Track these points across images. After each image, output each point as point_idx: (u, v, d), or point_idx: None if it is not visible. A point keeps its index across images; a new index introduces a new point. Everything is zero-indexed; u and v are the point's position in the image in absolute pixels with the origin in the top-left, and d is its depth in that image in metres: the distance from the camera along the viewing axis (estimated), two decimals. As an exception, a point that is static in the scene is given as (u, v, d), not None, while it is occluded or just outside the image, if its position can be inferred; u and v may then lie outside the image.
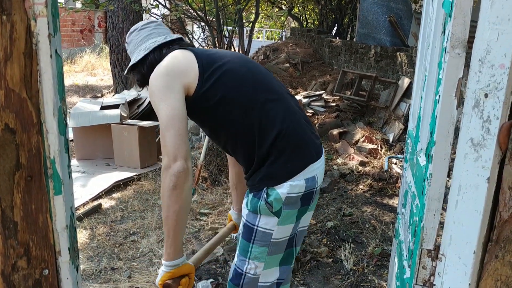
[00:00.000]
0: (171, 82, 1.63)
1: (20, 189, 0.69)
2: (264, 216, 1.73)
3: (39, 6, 0.64)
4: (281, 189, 1.69)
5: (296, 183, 1.70)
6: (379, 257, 3.37)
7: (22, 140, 0.68)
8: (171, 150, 1.52)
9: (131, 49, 1.89)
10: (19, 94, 0.66)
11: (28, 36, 0.65)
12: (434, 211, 1.18)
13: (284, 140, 1.69)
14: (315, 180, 1.77)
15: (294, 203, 1.73)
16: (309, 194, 1.76)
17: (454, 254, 1.10)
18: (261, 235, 1.75)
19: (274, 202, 1.70)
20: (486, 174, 1.00)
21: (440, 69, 1.14)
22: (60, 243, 0.72)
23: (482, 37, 0.97)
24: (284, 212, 1.72)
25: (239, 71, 1.75)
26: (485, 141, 0.99)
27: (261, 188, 1.72)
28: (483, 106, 0.98)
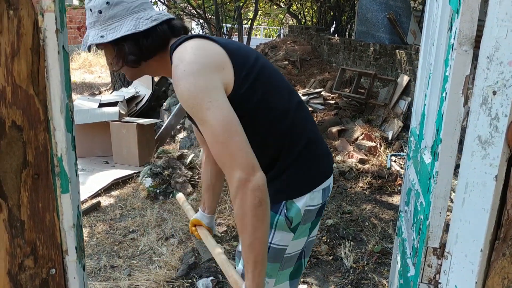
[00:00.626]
0: (211, 80, 1.34)
1: (27, 187, 0.68)
2: (279, 231, 1.56)
3: (46, 1, 0.63)
4: (300, 203, 1.54)
5: (315, 195, 1.57)
6: (379, 255, 3.38)
7: (29, 138, 0.67)
8: (244, 161, 1.26)
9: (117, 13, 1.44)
10: (26, 91, 0.65)
11: (35, 32, 0.64)
12: (440, 209, 1.17)
13: (312, 149, 1.57)
14: (328, 190, 1.66)
15: (311, 217, 1.61)
16: (323, 206, 1.67)
17: (460, 252, 1.10)
18: (275, 252, 1.58)
19: (294, 218, 1.54)
20: (494, 172, 1.00)
21: (446, 66, 1.13)
22: (67, 242, 0.71)
23: (491, 34, 0.96)
24: (300, 227, 1.58)
25: (272, 71, 1.56)
26: (493, 138, 0.99)
27: (279, 201, 1.53)
28: (491, 104, 0.97)
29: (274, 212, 1.53)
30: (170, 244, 3.44)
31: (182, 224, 3.75)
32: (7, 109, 0.64)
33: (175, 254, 3.26)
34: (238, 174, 1.26)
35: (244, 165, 1.26)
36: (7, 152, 0.65)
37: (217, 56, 1.41)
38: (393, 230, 3.71)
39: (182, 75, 1.33)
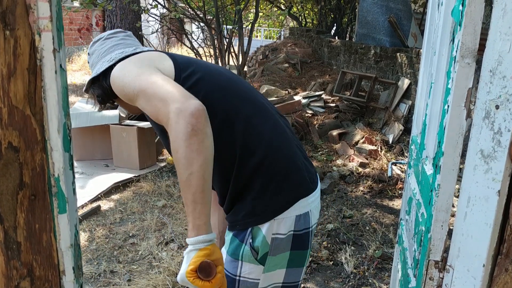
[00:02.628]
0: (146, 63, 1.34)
1: (23, 208, 0.67)
2: (247, 263, 1.41)
3: (44, 21, 0.62)
4: (266, 229, 1.38)
5: (284, 221, 1.38)
6: (379, 260, 3.36)
7: (25, 159, 0.66)
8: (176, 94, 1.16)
9: (93, 61, 1.57)
10: (23, 111, 0.64)
11: (32, 52, 0.63)
12: (441, 222, 1.16)
13: (272, 165, 1.38)
14: (308, 217, 1.43)
15: (283, 246, 1.41)
16: (304, 236, 1.43)
17: (462, 266, 1.09)
18: (245, 285, 1.44)
19: (260, 247, 1.39)
20: (496, 187, 0.99)
21: (448, 78, 1.12)
22: (64, 262, 0.70)
23: (493, 47, 0.95)
24: (270, 259, 1.41)
25: (221, 76, 1.47)
26: (495, 153, 0.98)
27: (246, 228, 1.40)
28: (494, 118, 0.97)
29: (240, 241, 1.41)
30: (170, 249, 3.43)
31: (182, 228, 3.74)
32: (3, 130, 0.63)
33: (175, 259, 3.25)
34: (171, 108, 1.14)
35: (176, 97, 1.16)
36: (3, 174, 0.64)
37: (157, 56, 1.42)
38: (394, 235, 3.70)
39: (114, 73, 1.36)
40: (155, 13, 6.75)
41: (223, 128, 1.36)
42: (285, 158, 1.42)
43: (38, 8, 0.61)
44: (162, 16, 7.28)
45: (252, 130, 1.39)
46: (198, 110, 1.13)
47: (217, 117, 1.35)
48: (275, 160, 1.39)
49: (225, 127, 1.37)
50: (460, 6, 1.05)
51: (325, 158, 5.37)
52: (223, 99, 1.39)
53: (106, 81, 1.45)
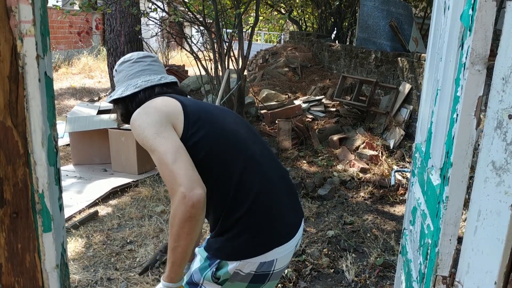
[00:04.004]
0: (163, 119, 1.53)
1: (4, 227, 0.62)
2: (208, 282, 1.62)
3: (26, 25, 0.57)
4: (230, 265, 1.57)
5: (248, 264, 1.56)
6: (381, 268, 3.31)
7: (6, 174, 0.61)
8: (185, 179, 1.37)
9: (119, 79, 1.77)
10: (3, 123, 0.59)
11: (13, 58, 0.58)
12: (450, 236, 1.11)
13: (252, 218, 1.56)
14: (272, 265, 1.60)
15: (242, 279, 1.60)
16: (262, 276, 1.61)
17: (472, 283, 1.04)
18: None
19: (221, 277, 1.59)
20: (509, 201, 0.94)
21: (457, 86, 1.07)
22: (49, 284, 0.65)
23: (506, 54, 0.90)
24: (227, 284, 1.62)
25: (224, 131, 1.63)
26: (508, 165, 0.93)
27: (216, 257, 1.60)
28: (507, 128, 0.92)
29: (208, 266, 1.61)
30: (168, 256, 3.37)
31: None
32: (-19, 143, 0.58)
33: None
34: (179, 190, 1.37)
35: (184, 182, 1.37)
36: (-19, 191, 0.59)
37: (171, 107, 1.59)
38: (396, 242, 3.65)
39: (137, 116, 1.56)
40: (154, 17, 6.72)
41: (218, 181, 1.55)
42: (266, 213, 1.58)
43: (20, 11, 0.57)
44: (162, 20, 7.24)
45: (243, 185, 1.56)
46: (199, 201, 1.36)
47: (212, 174, 1.55)
48: (256, 215, 1.56)
49: (220, 181, 1.55)
50: (470, 10, 1.01)
51: (326, 163, 5.32)
52: (221, 156, 1.57)
53: (132, 105, 1.70)
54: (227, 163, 1.57)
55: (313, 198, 4.56)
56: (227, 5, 7.23)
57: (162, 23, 6.95)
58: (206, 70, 5.83)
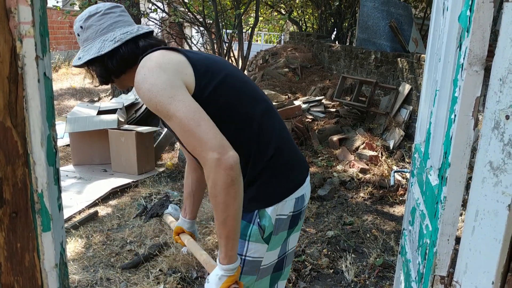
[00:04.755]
0: (173, 79, 1.39)
1: (3, 227, 0.63)
2: (253, 242, 1.56)
3: (25, 26, 0.57)
4: (271, 211, 1.55)
5: (287, 204, 1.58)
6: (380, 268, 3.31)
7: (6, 174, 0.61)
8: (214, 142, 1.29)
9: (89, 36, 1.56)
10: (2, 123, 0.59)
11: (13, 59, 0.58)
12: (448, 236, 1.12)
13: (281, 158, 1.57)
14: (304, 199, 1.66)
15: (284, 226, 1.61)
16: (298, 215, 1.65)
17: (470, 283, 1.04)
18: (251, 264, 1.59)
19: (266, 227, 1.55)
20: (506, 201, 0.94)
21: (455, 86, 1.08)
22: (49, 283, 0.66)
23: (503, 55, 0.91)
24: (274, 238, 1.59)
25: (235, 78, 1.57)
26: (505, 165, 0.93)
27: (252, 210, 1.54)
28: (504, 128, 0.92)
29: (248, 222, 1.55)
30: (168, 256, 3.38)
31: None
32: (-19, 143, 0.59)
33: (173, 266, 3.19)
34: (210, 155, 1.29)
35: (215, 147, 1.29)
36: (-19, 190, 0.59)
37: (178, 63, 1.46)
38: (395, 242, 3.65)
39: (142, 79, 1.39)
40: (154, 17, 6.72)
41: (240, 129, 1.51)
42: (291, 152, 1.62)
43: (19, 13, 0.57)
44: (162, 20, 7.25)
45: (265, 128, 1.55)
46: (236, 162, 1.30)
47: (234, 120, 1.50)
48: (284, 155, 1.58)
49: (242, 129, 1.51)
50: (468, 11, 1.01)
51: (325, 163, 5.32)
52: (239, 102, 1.52)
53: (112, 62, 1.53)
54: (247, 109, 1.53)
55: (313, 198, 4.56)
56: (227, 6, 7.23)
57: (162, 23, 6.95)
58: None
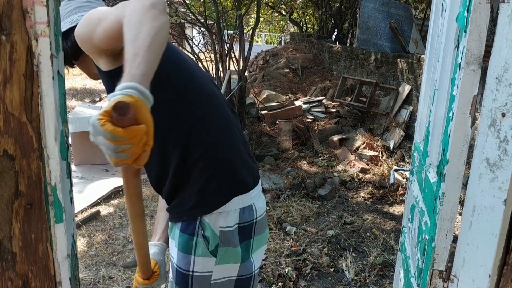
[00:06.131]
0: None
1: (19, 218, 0.65)
2: (199, 256, 1.42)
3: (41, 25, 0.60)
4: (212, 221, 1.41)
5: (230, 215, 1.43)
6: (381, 267, 3.34)
7: (21, 167, 0.64)
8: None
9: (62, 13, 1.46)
10: (19, 119, 0.62)
11: (29, 57, 0.61)
12: (446, 231, 1.14)
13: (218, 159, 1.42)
14: (253, 211, 1.49)
15: (233, 240, 1.44)
16: (249, 227, 1.49)
17: (467, 276, 1.07)
18: (199, 282, 1.45)
19: (210, 237, 1.41)
20: (503, 196, 0.97)
21: (453, 85, 1.10)
22: (61, 273, 0.68)
23: (499, 54, 0.93)
24: (221, 250, 1.43)
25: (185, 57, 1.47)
26: (501, 161, 0.96)
27: (195, 217, 1.41)
28: (500, 126, 0.95)
29: (191, 235, 1.41)
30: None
31: (182, 234, 3.71)
32: (-2, 138, 0.61)
33: (175, 266, 3.22)
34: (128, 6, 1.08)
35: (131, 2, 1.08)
36: (-2, 183, 0.62)
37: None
38: (395, 242, 3.68)
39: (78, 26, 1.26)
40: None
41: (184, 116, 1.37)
42: (231, 154, 1.45)
43: (35, 13, 0.60)
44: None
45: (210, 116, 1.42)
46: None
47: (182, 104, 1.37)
48: (221, 154, 1.42)
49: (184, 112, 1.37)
50: (465, 12, 1.04)
51: (326, 163, 5.35)
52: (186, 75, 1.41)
53: (66, 43, 1.42)
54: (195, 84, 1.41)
55: (314, 198, 4.59)
56: (228, 7, 7.26)
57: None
58: (207, 71, 5.87)
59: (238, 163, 1.47)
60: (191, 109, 1.38)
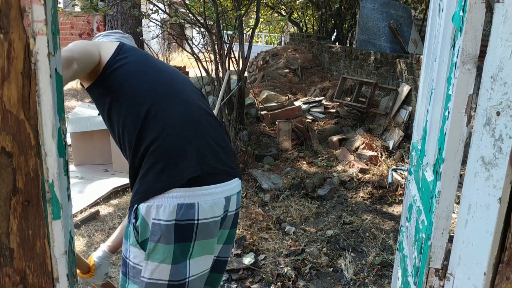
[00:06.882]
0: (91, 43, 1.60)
1: (16, 214, 0.66)
2: (132, 246, 1.45)
3: (38, 24, 0.61)
4: (145, 210, 1.40)
5: (164, 207, 1.38)
6: (379, 267, 3.34)
7: (19, 164, 0.65)
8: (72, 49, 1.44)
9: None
10: (16, 116, 0.63)
11: (26, 55, 0.62)
12: (442, 229, 1.15)
13: (163, 149, 1.43)
14: (193, 209, 1.41)
15: (165, 236, 1.40)
16: (187, 227, 1.41)
17: (463, 274, 1.08)
18: (132, 271, 1.47)
19: (140, 227, 1.41)
20: (497, 194, 0.98)
21: (449, 84, 1.11)
22: (58, 269, 0.69)
23: (494, 53, 0.94)
24: (150, 244, 1.41)
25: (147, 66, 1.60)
26: (496, 160, 0.97)
27: (133, 205, 1.43)
28: (495, 124, 0.96)
29: (128, 222, 1.47)
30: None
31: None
32: (-4, 135, 0.62)
33: (174, 265, 3.23)
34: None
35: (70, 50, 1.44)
36: (-4, 179, 0.63)
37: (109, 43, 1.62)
38: (394, 241, 3.68)
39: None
40: (156, 19, 6.76)
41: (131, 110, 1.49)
42: (180, 146, 1.46)
43: (33, 11, 0.61)
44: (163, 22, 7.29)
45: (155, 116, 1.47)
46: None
47: (128, 98, 1.50)
48: (168, 144, 1.44)
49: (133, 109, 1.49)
50: (460, 12, 1.05)
51: (325, 164, 5.36)
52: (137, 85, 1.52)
53: None
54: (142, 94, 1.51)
55: (313, 198, 4.60)
56: (228, 7, 7.27)
57: (163, 24, 6.99)
58: (207, 71, 5.88)
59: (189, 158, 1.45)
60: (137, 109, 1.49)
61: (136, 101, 1.49)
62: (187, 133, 1.49)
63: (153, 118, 1.46)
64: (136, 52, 1.65)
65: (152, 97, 1.50)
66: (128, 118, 1.48)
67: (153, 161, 1.43)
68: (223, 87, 5.31)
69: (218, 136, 1.60)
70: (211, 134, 1.57)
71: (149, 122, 1.46)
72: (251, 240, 3.59)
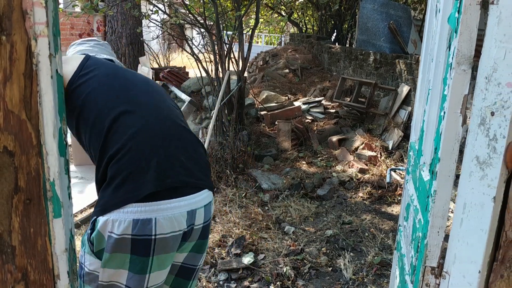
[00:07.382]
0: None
1: (18, 212, 0.67)
2: (86, 253, 1.47)
3: (40, 26, 0.62)
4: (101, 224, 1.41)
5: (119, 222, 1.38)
6: (378, 266, 3.36)
7: (21, 163, 0.66)
8: None
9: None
10: (18, 116, 0.64)
11: (28, 57, 0.63)
12: (438, 228, 1.16)
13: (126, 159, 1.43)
14: (150, 225, 1.40)
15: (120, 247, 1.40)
16: (144, 242, 1.40)
17: (458, 272, 1.09)
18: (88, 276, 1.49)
19: (95, 239, 1.42)
20: (492, 193, 0.99)
21: (445, 85, 1.12)
22: (59, 266, 0.70)
23: (489, 54, 0.95)
24: (106, 255, 1.42)
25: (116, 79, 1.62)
26: (491, 159, 0.98)
27: (92, 217, 1.45)
28: (489, 124, 0.97)
29: (85, 231, 1.49)
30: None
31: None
32: (-2, 134, 0.64)
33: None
34: None
35: None
36: (-2, 178, 0.64)
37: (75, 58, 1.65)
38: (393, 241, 3.70)
39: None
40: (156, 19, 6.78)
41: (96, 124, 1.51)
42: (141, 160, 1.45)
43: (35, 14, 0.62)
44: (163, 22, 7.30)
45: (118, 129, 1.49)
46: None
47: (92, 112, 1.52)
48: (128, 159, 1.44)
49: (97, 123, 1.51)
50: (456, 13, 1.06)
51: (325, 164, 5.37)
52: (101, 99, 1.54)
53: None
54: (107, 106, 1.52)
55: (312, 198, 4.61)
56: (227, 7, 7.29)
57: (163, 25, 7.01)
58: (207, 71, 5.89)
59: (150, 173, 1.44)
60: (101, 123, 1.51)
61: (101, 115, 1.51)
62: (151, 146, 1.48)
63: (115, 132, 1.48)
64: (103, 65, 1.66)
65: (116, 110, 1.51)
66: (93, 133, 1.51)
67: (113, 175, 1.43)
68: (223, 87, 5.32)
69: (190, 148, 1.60)
70: (182, 147, 1.57)
71: (111, 136, 1.47)
72: (251, 240, 3.60)
